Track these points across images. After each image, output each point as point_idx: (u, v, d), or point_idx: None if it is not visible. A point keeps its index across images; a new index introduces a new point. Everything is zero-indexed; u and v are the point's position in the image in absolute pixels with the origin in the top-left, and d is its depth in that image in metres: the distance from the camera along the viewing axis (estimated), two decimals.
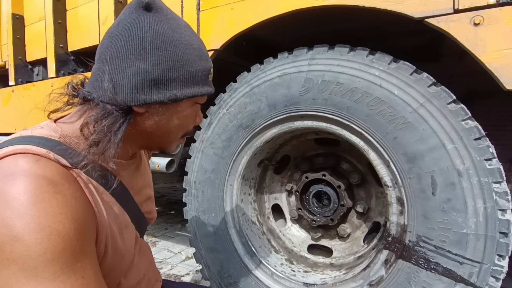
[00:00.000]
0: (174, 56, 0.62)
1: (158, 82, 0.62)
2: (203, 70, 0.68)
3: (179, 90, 0.64)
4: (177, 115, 0.68)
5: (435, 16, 0.98)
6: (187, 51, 0.64)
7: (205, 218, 1.50)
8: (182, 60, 0.63)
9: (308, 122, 1.28)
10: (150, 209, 0.88)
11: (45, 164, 0.54)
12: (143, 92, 0.62)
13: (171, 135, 0.72)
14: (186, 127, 0.74)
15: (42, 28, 2.17)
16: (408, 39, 1.80)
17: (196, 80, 0.66)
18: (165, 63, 0.61)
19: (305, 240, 1.62)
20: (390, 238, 1.13)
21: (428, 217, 1.04)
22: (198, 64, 0.66)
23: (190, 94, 0.66)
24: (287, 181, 1.68)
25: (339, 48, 1.21)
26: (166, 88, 0.63)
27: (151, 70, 0.61)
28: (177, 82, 0.63)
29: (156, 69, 0.61)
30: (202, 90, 0.68)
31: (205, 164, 1.50)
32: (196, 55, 0.66)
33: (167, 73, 0.62)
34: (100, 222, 0.61)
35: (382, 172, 1.14)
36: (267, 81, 1.34)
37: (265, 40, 1.78)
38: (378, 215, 1.45)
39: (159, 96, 0.63)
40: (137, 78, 0.61)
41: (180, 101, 0.65)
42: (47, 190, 0.51)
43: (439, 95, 1.04)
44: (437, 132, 1.02)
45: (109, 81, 0.61)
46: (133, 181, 0.78)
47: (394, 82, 1.09)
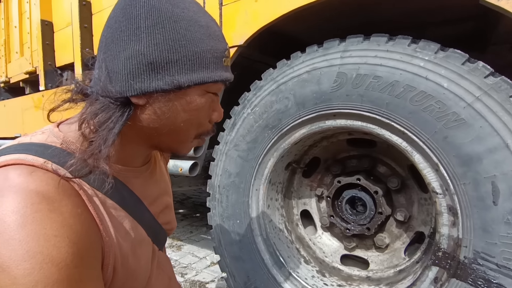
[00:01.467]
0: (173, 34, 0.52)
1: (156, 65, 0.52)
2: (213, 51, 0.56)
3: (182, 74, 0.53)
4: (184, 107, 0.56)
5: None
6: (190, 28, 0.54)
7: (230, 225, 1.41)
8: (184, 39, 0.53)
9: (341, 121, 1.15)
10: (169, 219, 0.80)
11: (41, 177, 0.46)
12: (139, 79, 0.52)
13: (180, 133, 0.60)
14: (199, 123, 0.61)
15: (70, 33, 2.19)
16: (449, 28, 1.62)
17: (204, 63, 0.55)
18: (163, 42, 0.52)
19: (337, 250, 1.49)
20: (441, 253, 0.98)
21: (488, 230, 0.88)
22: (206, 43, 0.55)
23: (196, 80, 0.54)
24: (317, 186, 1.56)
25: (376, 37, 1.08)
26: (166, 73, 0.53)
27: (146, 52, 0.51)
28: (179, 65, 0.53)
29: (153, 50, 0.51)
30: (214, 75, 0.56)
31: (229, 168, 1.41)
32: (203, 33, 0.55)
33: (166, 54, 0.52)
34: (107, 242, 0.53)
35: (430, 177, 0.99)
36: (294, 78, 1.23)
37: (291, 35, 1.68)
38: (421, 224, 1.29)
39: (158, 82, 0.53)
40: (132, 62, 0.52)
41: (184, 88, 0.54)
42: (39, 209, 0.43)
43: (499, 87, 0.89)
44: (498, 130, 0.87)
45: (103, 69, 0.53)
46: (147, 190, 0.70)
47: (443, 73, 0.95)
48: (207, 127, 0.64)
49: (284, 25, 1.30)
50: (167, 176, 0.87)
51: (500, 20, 1.17)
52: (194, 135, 0.63)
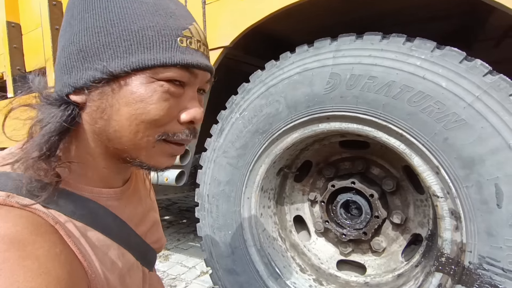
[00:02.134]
0: (105, 14, 0.44)
1: (86, 52, 0.44)
2: (159, 28, 0.45)
3: (116, 59, 0.44)
4: (125, 99, 0.45)
5: None
6: (127, 5, 0.45)
7: (221, 236, 1.34)
8: (117, 17, 0.44)
9: (336, 123, 1.10)
10: (157, 236, 0.72)
11: (5, 216, 0.38)
12: (71, 72, 0.46)
13: (128, 133, 0.47)
14: (152, 121, 0.46)
15: (40, 36, 2.04)
16: (435, 26, 1.61)
17: (144, 42, 0.44)
18: (93, 24, 0.44)
19: (333, 256, 1.44)
20: (444, 259, 0.95)
21: (493, 234, 0.85)
22: (148, 20, 0.45)
23: (132, 64, 0.44)
24: (309, 190, 1.51)
25: (369, 36, 1.04)
26: (98, 59, 0.44)
27: (76, 39, 0.45)
28: (112, 48, 0.44)
29: (82, 35, 0.44)
30: (159, 56, 0.44)
31: (219, 176, 1.34)
32: (145, 10, 0.45)
33: (96, 37, 0.44)
34: (93, 280, 0.46)
35: (430, 180, 0.96)
36: (285, 79, 1.17)
37: (276, 35, 1.62)
38: (418, 226, 1.27)
39: (89, 72, 0.44)
40: (64, 54, 0.46)
41: (120, 75, 0.44)
42: (8, 258, 0.35)
43: (498, 86, 0.86)
44: (499, 130, 0.84)
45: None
46: (132, 210, 0.62)
47: (441, 72, 0.92)
48: (173, 127, 0.49)
49: (271, 24, 1.24)
50: (149, 189, 0.79)
51: (490, 16, 1.15)
52: (153, 138, 0.48)
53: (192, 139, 0.53)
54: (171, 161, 0.53)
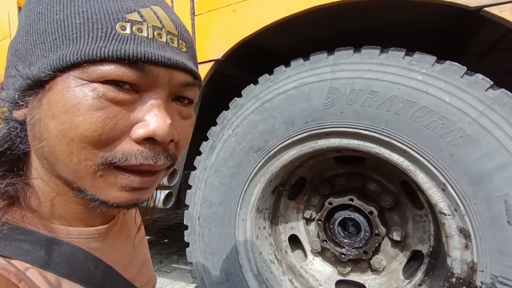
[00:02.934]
0: (36, 8, 0.36)
1: (17, 57, 0.37)
2: (91, 14, 0.34)
3: (38, 59, 0.35)
4: (52, 110, 0.34)
5: (497, 5, 0.79)
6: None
7: (215, 261, 1.24)
8: (45, 8, 0.35)
9: (335, 140, 1.06)
10: (148, 278, 0.63)
11: None
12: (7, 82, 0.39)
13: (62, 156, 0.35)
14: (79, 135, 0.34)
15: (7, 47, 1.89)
16: (418, 40, 1.64)
17: (70, 32, 0.34)
18: (24, 23, 0.37)
19: (331, 276, 1.38)
20: (455, 279, 0.91)
21: (505, 252, 0.83)
22: (78, 4, 0.34)
23: (53, 62, 0.34)
24: (304, 208, 1.45)
25: (367, 50, 1.02)
26: (24, 64, 0.36)
27: (15, 43, 0.38)
28: (38, 47, 0.35)
29: (16, 38, 0.38)
30: (90, 48, 0.33)
31: (210, 196, 1.25)
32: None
33: (25, 37, 0.36)
34: None
35: (436, 198, 0.93)
36: (280, 94, 1.12)
37: (267, 49, 1.58)
38: (418, 242, 1.24)
39: (18, 82, 0.36)
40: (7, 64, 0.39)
41: (39, 80, 0.35)
42: None
43: (501, 100, 0.85)
44: (506, 145, 0.83)
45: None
46: (118, 251, 0.53)
47: (443, 87, 0.90)
48: (123, 147, 0.36)
49: (263, 38, 1.20)
50: (139, 219, 0.69)
51: (479, 31, 1.17)
52: (93, 162, 0.35)
53: (164, 163, 0.38)
54: (131, 196, 0.38)
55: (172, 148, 0.40)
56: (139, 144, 0.36)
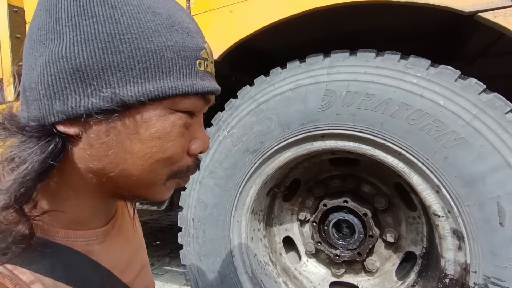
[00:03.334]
0: (111, 24, 0.34)
1: (86, 73, 0.34)
2: (179, 49, 0.37)
3: (127, 85, 0.35)
4: (140, 135, 0.37)
5: (491, 10, 0.81)
6: (139, 15, 0.35)
7: (209, 264, 1.23)
8: (128, 31, 0.35)
9: (331, 142, 1.07)
10: (147, 282, 0.61)
11: None
12: (62, 96, 0.34)
13: (140, 174, 0.40)
14: (168, 158, 0.40)
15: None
16: (411, 44, 1.66)
17: (163, 65, 0.36)
18: (94, 37, 0.34)
19: (325, 278, 1.38)
20: (448, 280, 0.92)
21: (497, 253, 0.84)
22: (165, 37, 0.36)
23: (154, 92, 0.36)
24: (298, 209, 1.45)
25: (363, 53, 1.02)
26: (103, 83, 0.34)
27: (70, 53, 0.34)
28: (122, 71, 0.35)
29: (80, 50, 0.34)
30: (181, 84, 0.37)
31: (205, 198, 1.24)
32: (159, 24, 0.37)
33: (100, 54, 0.34)
34: None
35: (430, 199, 0.94)
36: (277, 96, 1.12)
37: (263, 51, 1.58)
38: (411, 244, 1.25)
39: (93, 100, 0.34)
40: (50, 71, 0.34)
41: (133, 105, 0.35)
42: None
43: (493, 104, 0.87)
44: (498, 148, 0.84)
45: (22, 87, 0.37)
46: (117, 254, 0.52)
47: (438, 90, 0.91)
48: (185, 162, 0.43)
49: (259, 39, 1.19)
50: (138, 223, 0.68)
51: (472, 36, 1.20)
52: (166, 175, 0.41)
53: (197, 169, 0.47)
54: (171, 193, 0.47)
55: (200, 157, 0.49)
56: (192, 157, 0.44)
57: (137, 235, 0.64)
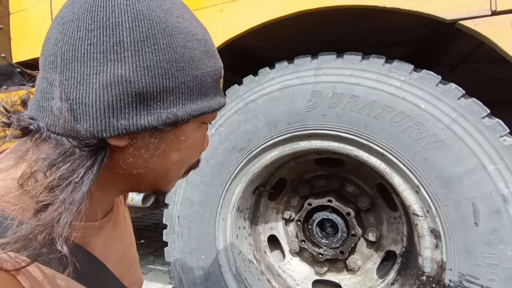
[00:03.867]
0: (170, 53, 0.39)
1: (146, 96, 0.38)
2: (213, 73, 0.44)
3: (179, 106, 0.40)
4: (179, 145, 0.44)
5: (471, 18, 0.84)
6: (189, 44, 0.41)
7: (193, 261, 1.24)
8: (182, 59, 0.40)
9: (317, 142, 1.09)
10: (136, 277, 0.62)
11: None
12: (122, 115, 0.37)
13: (170, 174, 0.47)
14: (191, 159, 0.50)
15: None
16: (393, 49, 1.71)
17: (205, 89, 0.43)
18: (156, 64, 0.38)
19: (308, 276, 1.41)
20: (425, 278, 0.96)
21: (471, 251, 0.88)
22: (205, 64, 0.43)
23: (198, 111, 0.42)
24: (283, 208, 1.47)
25: (349, 56, 1.05)
26: (160, 105, 0.39)
27: (134, 78, 0.37)
28: (175, 95, 0.40)
29: (143, 75, 0.37)
30: (214, 103, 0.45)
31: (191, 195, 1.24)
32: (202, 51, 0.42)
33: (160, 80, 0.38)
34: None
35: (410, 199, 0.97)
36: (264, 95, 1.14)
37: (251, 51, 1.60)
38: (391, 243, 1.29)
39: (150, 118, 0.38)
40: (112, 92, 0.36)
41: (183, 123, 0.42)
42: None
43: (471, 109, 0.90)
44: (475, 151, 0.88)
45: (63, 99, 0.37)
46: (110, 248, 0.52)
47: (420, 94, 0.95)
48: (197, 159, 0.53)
49: (248, 39, 1.21)
50: (129, 219, 0.68)
51: (454, 43, 1.24)
52: (183, 172, 0.51)
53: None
54: None
55: None
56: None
57: (128, 231, 0.64)
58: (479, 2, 0.83)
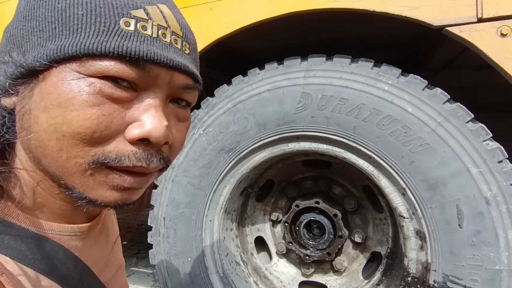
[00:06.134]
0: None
1: (12, 43, 0.36)
2: (95, 6, 0.33)
3: (35, 48, 0.34)
4: (42, 102, 0.33)
5: (457, 25, 0.87)
6: None
7: (179, 264, 1.21)
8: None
9: (306, 143, 1.09)
10: (121, 283, 0.60)
11: None
12: (0, 69, 0.37)
13: (51, 151, 0.34)
14: (71, 131, 0.32)
15: None
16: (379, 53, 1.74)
17: (71, 23, 0.32)
18: (23, 9, 0.36)
19: (295, 277, 1.41)
20: (410, 278, 0.97)
21: (455, 252, 0.90)
22: None
23: (48, 52, 0.32)
24: (271, 210, 1.46)
25: (339, 58, 1.06)
26: (20, 50, 0.35)
27: (11, 26, 0.37)
28: (35, 35, 0.34)
29: (13, 24, 0.37)
30: (87, 41, 0.32)
31: (178, 197, 1.22)
32: None
33: (22, 22, 0.35)
34: None
35: (397, 201, 0.99)
36: (254, 96, 1.13)
37: (239, 51, 1.59)
38: (377, 244, 1.30)
39: (7, 66, 0.35)
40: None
41: (34, 69, 0.33)
42: None
43: (456, 113, 0.93)
44: (459, 155, 0.90)
45: None
46: (97, 253, 0.50)
47: (407, 98, 0.96)
48: (117, 147, 0.34)
49: (237, 39, 1.20)
50: (115, 222, 0.66)
51: (437, 48, 1.27)
52: (83, 160, 0.34)
53: (156, 166, 0.37)
54: (120, 196, 0.37)
55: (166, 151, 0.39)
56: (132, 145, 0.35)
57: (115, 234, 0.62)
58: (466, 9, 0.85)
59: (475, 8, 0.84)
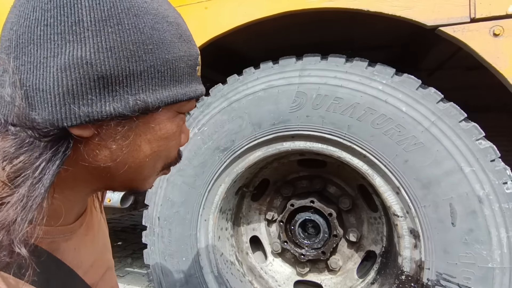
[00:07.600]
0: (135, 34, 0.35)
1: (110, 80, 0.34)
2: (187, 59, 0.40)
3: (149, 92, 0.37)
4: (151, 136, 0.40)
5: (451, 25, 0.87)
6: (158, 26, 0.37)
7: (174, 263, 1.21)
8: (150, 41, 0.36)
9: (301, 143, 1.09)
10: (110, 285, 0.59)
11: None
12: (84, 101, 0.34)
13: (144, 169, 0.43)
14: (167, 153, 0.44)
15: None
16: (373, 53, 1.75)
17: (178, 74, 0.40)
18: (120, 45, 0.34)
19: (290, 276, 1.41)
20: (404, 277, 0.98)
21: (448, 251, 0.91)
22: (178, 48, 0.39)
23: (169, 99, 0.38)
24: (266, 209, 1.46)
25: (333, 58, 1.06)
26: (127, 91, 0.36)
27: (95, 60, 0.33)
28: (144, 79, 0.36)
29: (106, 57, 0.34)
30: (189, 90, 0.41)
31: (172, 196, 1.21)
32: (173, 34, 0.39)
33: (125, 63, 0.35)
34: None
35: (391, 200, 0.99)
36: (249, 95, 1.13)
37: (233, 50, 1.58)
38: (372, 243, 1.31)
39: (116, 105, 0.35)
40: (71, 75, 0.33)
41: (153, 111, 0.38)
42: None
43: (449, 112, 0.93)
44: (452, 154, 0.91)
45: (16, 85, 0.33)
46: (82, 254, 0.49)
47: (401, 97, 0.97)
48: (175, 154, 0.48)
49: (232, 38, 1.19)
50: (104, 223, 0.65)
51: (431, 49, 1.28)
52: (161, 168, 0.46)
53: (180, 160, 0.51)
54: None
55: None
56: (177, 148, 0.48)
57: (103, 235, 0.61)
58: (459, 9, 0.86)
59: (468, 8, 0.85)
